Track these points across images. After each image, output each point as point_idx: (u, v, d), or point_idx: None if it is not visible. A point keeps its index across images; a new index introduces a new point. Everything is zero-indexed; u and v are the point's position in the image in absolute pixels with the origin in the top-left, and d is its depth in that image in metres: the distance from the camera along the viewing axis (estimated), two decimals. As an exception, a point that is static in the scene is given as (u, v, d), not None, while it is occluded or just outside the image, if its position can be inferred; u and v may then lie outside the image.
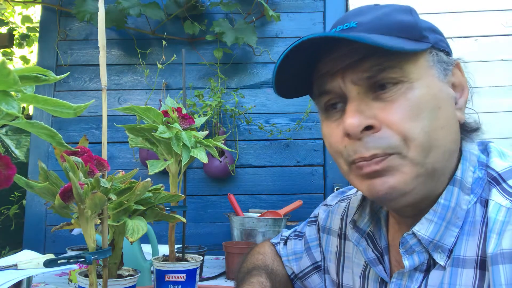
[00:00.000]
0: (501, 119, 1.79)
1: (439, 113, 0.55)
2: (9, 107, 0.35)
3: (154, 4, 1.82)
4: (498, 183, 0.57)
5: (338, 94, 0.59)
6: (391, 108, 0.55)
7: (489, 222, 0.54)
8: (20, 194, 2.38)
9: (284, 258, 0.89)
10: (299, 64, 0.60)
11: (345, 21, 0.59)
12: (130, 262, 1.04)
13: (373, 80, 0.56)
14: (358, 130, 0.55)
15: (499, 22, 1.89)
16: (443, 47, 0.60)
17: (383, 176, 0.55)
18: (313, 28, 1.98)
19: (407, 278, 0.61)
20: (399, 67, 0.55)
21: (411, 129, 0.54)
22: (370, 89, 0.57)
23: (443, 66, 0.59)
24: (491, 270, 0.50)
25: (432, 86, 0.56)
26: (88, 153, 0.57)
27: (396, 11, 0.58)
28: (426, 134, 0.54)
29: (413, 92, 0.55)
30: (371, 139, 0.55)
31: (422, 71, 0.56)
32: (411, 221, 0.62)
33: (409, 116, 0.54)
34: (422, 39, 0.57)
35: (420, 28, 0.57)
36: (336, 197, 0.87)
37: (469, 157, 0.61)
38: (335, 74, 0.58)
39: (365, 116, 0.55)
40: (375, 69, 0.55)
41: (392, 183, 0.55)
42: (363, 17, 0.58)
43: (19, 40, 2.92)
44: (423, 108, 0.55)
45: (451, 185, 0.58)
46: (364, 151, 0.55)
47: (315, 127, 1.92)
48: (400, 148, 0.54)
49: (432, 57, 0.58)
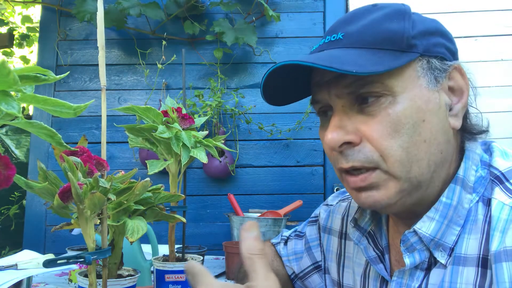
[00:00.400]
0: (501, 119, 1.79)
1: (422, 127, 0.55)
2: (9, 107, 0.35)
3: (154, 4, 1.82)
4: (501, 182, 0.57)
5: (326, 104, 0.61)
6: (372, 123, 0.56)
7: (492, 220, 0.54)
8: (20, 194, 2.39)
9: (285, 258, 0.89)
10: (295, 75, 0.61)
11: (334, 31, 0.60)
12: (130, 262, 1.04)
13: (355, 95, 0.57)
14: (337, 145, 0.57)
15: (499, 22, 1.89)
16: (437, 52, 0.58)
17: (368, 191, 0.58)
18: (313, 28, 1.98)
19: (408, 276, 0.61)
20: (380, 81, 0.55)
21: (389, 146, 0.55)
22: (355, 102, 0.57)
23: (434, 74, 0.57)
24: (494, 268, 0.50)
25: (417, 98, 0.56)
26: (87, 153, 0.57)
27: (387, 16, 0.57)
28: (404, 151, 0.55)
29: (394, 107, 0.55)
30: (351, 152, 0.57)
31: (407, 83, 0.56)
32: (410, 221, 0.62)
33: (387, 133, 0.55)
34: (410, 48, 0.55)
35: (408, 37, 0.55)
36: (337, 197, 0.87)
37: (472, 156, 0.61)
38: (322, 86, 0.60)
39: (345, 131, 0.57)
40: (355, 84, 0.56)
41: (376, 197, 0.57)
42: (352, 26, 0.58)
43: (19, 40, 2.92)
44: (403, 124, 0.55)
45: (453, 184, 0.58)
46: (344, 163, 0.58)
47: (315, 127, 1.92)
48: (379, 163, 0.56)
49: (421, 65, 0.57)
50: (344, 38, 0.58)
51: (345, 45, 0.57)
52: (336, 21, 0.62)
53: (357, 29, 0.57)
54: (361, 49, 0.55)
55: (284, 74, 0.60)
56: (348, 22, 0.60)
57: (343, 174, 0.60)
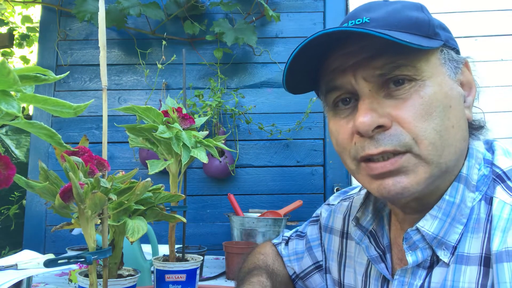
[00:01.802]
0: (501, 119, 1.79)
1: (450, 112, 0.55)
2: (9, 107, 0.34)
3: (154, 4, 1.82)
4: (503, 180, 0.57)
5: (348, 90, 0.59)
6: (403, 107, 0.55)
7: (493, 219, 0.54)
8: (20, 194, 2.38)
9: (286, 258, 0.89)
10: (306, 60, 0.60)
11: (356, 17, 0.58)
12: (130, 262, 1.04)
13: (386, 78, 0.56)
14: (370, 129, 0.55)
15: (499, 22, 1.89)
16: (453, 45, 0.60)
17: (396, 176, 0.55)
18: (313, 28, 1.98)
19: (410, 275, 0.61)
20: (412, 65, 0.55)
21: (423, 129, 0.54)
22: (382, 86, 0.56)
23: (453, 65, 0.59)
24: (496, 268, 0.50)
25: (443, 85, 0.56)
26: (88, 153, 0.57)
27: (407, 7, 0.58)
28: (437, 134, 0.54)
29: (425, 90, 0.55)
30: (382, 137, 0.55)
31: (434, 69, 0.56)
32: (414, 218, 0.62)
33: (421, 115, 0.54)
34: (435, 36, 0.56)
35: (433, 25, 0.56)
36: (338, 197, 0.87)
37: (475, 154, 0.61)
38: (346, 70, 0.58)
39: (377, 114, 0.55)
40: (388, 66, 0.55)
41: (405, 183, 0.55)
42: (374, 12, 0.57)
43: (19, 40, 2.92)
44: (435, 107, 0.54)
45: (457, 182, 0.58)
46: (374, 148, 0.55)
47: (315, 127, 1.92)
48: (411, 146, 0.54)
49: (443, 55, 0.58)
50: (371, 21, 0.57)
51: (374, 27, 0.55)
52: (353, 10, 0.61)
53: (382, 14, 0.57)
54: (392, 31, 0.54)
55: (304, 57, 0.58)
56: (368, 10, 0.59)
57: (362, 163, 0.58)
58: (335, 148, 0.63)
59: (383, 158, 0.55)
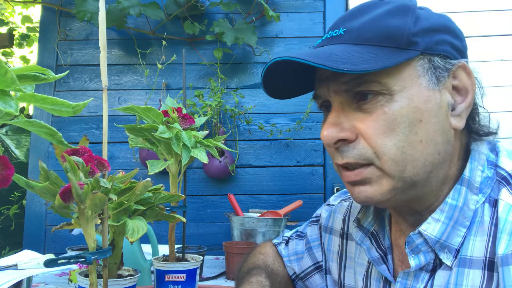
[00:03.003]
0: (501, 119, 1.79)
1: (418, 127, 0.55)
2: (7, 106, 0.34)
3: (154, 4, 1.82)
4: (509, 183, 0.56)
5: (326, 99, 0.61)
6: (367, 121, 0.56)
7: (499, 222, 0.53)
8: (20, 194, 2.38)
9: (286, 259, 0.89)
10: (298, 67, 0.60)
11: (336, 27, 0.60)
12: (130, 262, 1.04)
13: (352, 92, 0.57)
14: (331, 142, 0.57)
15: (499, 22, 1.89)
16: (440, 50, 0.56)
17: (361, 185, 0.58)
18: (313, 28, 1.98)
19: (413, 278, 0.61)
20: (377, 81, 0.54)
21: (383, 145, 0.55)
22: (353, 98, 0.57)
23: (436, 73, 0.56)
24: (502, 271, 0.50)
25: (415, 98, 0.55)
26: (89, 153, 0.57)
27: (390, 12, 0.56)
28: (398, 150, 0.55)
29: (390, 106, 0.55)
30: (346, 149, 0.57)
31: (406, 82, 0.55)
32: (413, 221, 0.62)
33: (382, 131, 0.55)
34: (410, 46, 0.54)
35: (408, 34, 0.54)
36: (338, 197, 0.87)
37: (478, 156, 0.60)
38: (322, 81, 0.60)
39: (340, 128, 0.57)
40: (353, 82, 0.56)
41: (368, 193, 0.58)
42: (353, 22, 0.58)
43: (19, 40, 2.92)
44: (399, 123, 0.54)
45: (459, 185, 0.58)
46: (340, 158, 0.58)
47: (315, 127, 1.91)
48: (373, 160, 0.56)
49: (422, 64, 0.55)
50: (345, 33, 0.58)
51: (345, 41, 0.57)
52: (342, 15, 0.62)
53: (359, 25, 0.57)
54: (360, 45, 0.55)
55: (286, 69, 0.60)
56: (351, 17, 0.59)
57: (340, 168, 0.61)
58: None
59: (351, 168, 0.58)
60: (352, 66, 0.52)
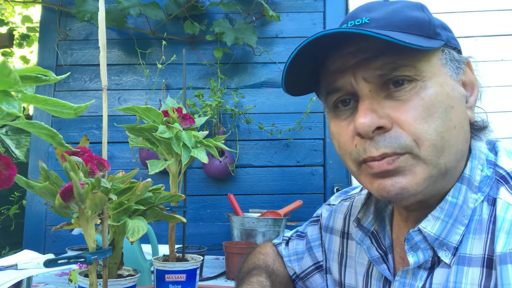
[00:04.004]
0: (501, 119, 1.79)
1: (452, 113, 0.55)
2: (10, 107, 0.34)
3: (154, 4, 1.82)
4: (507, 181, 0.57)
5: (348, 91, 0.58)
6: (404, 108, 0.54)
7: (497, 221, 0.53)
8: (20, 194, 2.39)
9: (286, 259, 0.89)
10: (306, 61, 0.59)
11: (356, 17, 0.58)
12: (130, 262, 1.04)
13: (386, 78, 0.55)
14: (370, 130, 0.54)
15: (499, 22, 1.89)
16: (455, 44, 0.59)
17: (394, 176, 0.55)
18: (313, 28, 1.98)
19: (411, 276, 0.60)
20: (412, 65, 0.54)
21: (424, 130, 0.53)
22: (383, 87, 0.56)
23: (455, 65, 0.58)
24: (500, 270, 0.50)
25: (445, 85, 0.56)
26: (88, 153, 0.57)
27: (407, 7, 0.57)
28: (438, 135, 0.54)
29: (426, 91, 0.54)
30: (382, 138, 0.55)
31: (435, 70, 0.56)
32: (417, 216, 0.61)
33: (422, 117, 0.54)
34: (436, 36, 0.56)
35: (434, 25, 0.56)
36: (339, 197, 0.87)
37: (478, 155, 0.60)
38: (345, 71, 0.57)
39: (377, 115, 0.55)
40: (388, 67, 0.54)
41: (403, 184, 0.54)
42: (374, 13, 0.57)
43: (19, 40, 2.92)
44: (437, 108, 0.54)
45: (459, 183, 0.58)
46: (374, 150, 0.55)
47: (315, 127, 1.92)
48: (412, 148, 0.54)
49: (445, 55, 0.57)
50: (371, 22, 0.56)
51: (374, 27, 0.55)
52: (353, 10, 0.61)
53: (382, 15, 0.56)
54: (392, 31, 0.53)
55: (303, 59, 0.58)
56: (368, 10, 0.58)
57: (363, 165, 0.57)
58: (337, 150, 0.62)
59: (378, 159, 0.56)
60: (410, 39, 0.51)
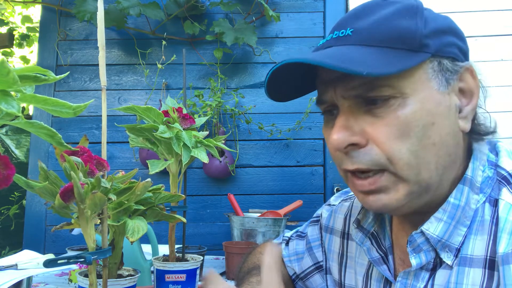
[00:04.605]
0: (501, 119, 1.79)
1: (431, 130, 0.54)
2: (9, 107, 0.34)
3: (154, 4, 1.82)
4: (509, 182, 0.56)
5: (332, 103, 0.58)
6: (379, 125, 0.54)
7: (499, 221, 0.53)
8: (20, 194, 2.39)
9: (286, 259, 0.89)
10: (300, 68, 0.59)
11: (342, 27, 0.58)
12: (130, 262, 1.03)
13: (362, 98, 0.55)
14: (342, 146, 0.55)
15: (499, 22, 1.89)
16: (449, 53, 0.56)
17: (376, 194, 0.56)
18: (313, 28, 1.98)
19: (413, 277, 0.60)
20: (389, 85, 0.53)
21: (397, 150, 0.53)
22: (362, 102, 0.55)
23: (445, 76, 0.55)
24: (502, 270, 0.50)
25: (427, 101, 0.54)
26: (88, 153, 0.57)
27: (398, 14, 0.55)
28: (412, 154, 0.53)
29: (404, 110, 0.53)
30: (356, 154, 0.55)
31: (417, 85, 0.54)
32: (416, 220, 0.61)
33: (396, 136, 0.53)
34: (422, 48, 0.53)
35: (420, 36, 0.53)
36: (339, 197, 0.87)
37: (479, 156, 0.60)
38: (328, 84, 0.58)
39: (351, 132, 0.55)
40: (364, 87, 0.53)
41: (384, 201, 0.56)
42: (361, 21, 0.56)
43: (19, 40, 2.92)
44: (413, 126, 0.53)
45: (462, 184, 0.58)
46: (350, 164, 0.56)
47: (315, 127, 1.92)
48: (387, 166, 0.54)
49: (433, 67, 0.55)
50: (353, 34, 0.55)
51: (354, 42, 0.55)
52: (345, 15, 0.60)
53: (367, 25, 0.55)
54: (371, 47, 0.53)
55: (288, 71, 0.59)
56: (357, 16, 0.57)
57: (349, 174, 0.58)
58: None
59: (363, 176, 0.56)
60: (370, 68, 0.49)
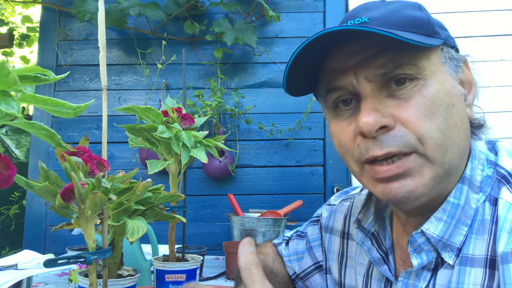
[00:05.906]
0: (501, 119, 1.79)
1: (453, 111, 0.55)
2: (9, 107, 0.34)
3: (154, 4, 1.82)
4: (508, 181, 0.56)
5: (349, 91, 0.58)
6: (406, 106, 0.54)
7: (499, 220, 0.53)
8: (20, 194, 2.39)
9: (286, 259, 0.89)
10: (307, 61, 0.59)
11: (355, 16, 0.58)
12: (130, 262, 1.04)
13: (388, 77, 0.55)
14: (374, 129, 0.53)
15: (499, 22, 1.89)
16: (452, 43, 0.59)
17: (401, 179, 0.54)
18: (313, 28, 1.98)
19: (415, 277, 0.60)
20: (414, 63, 0.54)
21: (427, 128, 0.53)
22: (384, 86, 0.55)
23: (454, 63, 0.58)
24: (502, 269, 0.50)
25: (445, 83, 0.56)
26: (88, 153, 0.57)
27: (405, 7, 0.57)
28: (441, 133, 0.53)
29: (428, 89, 0.54)
30: (386, 138, 0.54)
31: (435, 68, 0.56)
32: (417, 220, 0.61)
33: (425, 115, 0.53)
34: (435, 34, 0.56)
35: (432, 23, 0.56)
36: (339, 197, 0.87)
37: (478, 155, 0.60)
38: (346, 70, 0.57)
39: (381, 114, 0.54)
40: (390, 65, 0.54)
41: (411, 186, 0.54)
42: (373, 12, 0.57)
43: (19, 40, 2.92)
44: (439, 106, 0.54)
45: (461, 183, 0.58)
46: (378, 149, 0.54)
47: (315, 127, 1.92)
48: (416, 147, 0.53)
49: (444, 53, 0.58)
50: (371, 21, 0.56)
51: (374, 26, 0.54)
52: (351, 10, 0.61)
53: (381, 14, 0.56)
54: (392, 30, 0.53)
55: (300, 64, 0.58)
56: (367, 9, 0.58)
57: (366, 166, 0.57)
58: (338, 150, 0.62)
59: (387, 162, 0.54)
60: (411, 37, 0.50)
